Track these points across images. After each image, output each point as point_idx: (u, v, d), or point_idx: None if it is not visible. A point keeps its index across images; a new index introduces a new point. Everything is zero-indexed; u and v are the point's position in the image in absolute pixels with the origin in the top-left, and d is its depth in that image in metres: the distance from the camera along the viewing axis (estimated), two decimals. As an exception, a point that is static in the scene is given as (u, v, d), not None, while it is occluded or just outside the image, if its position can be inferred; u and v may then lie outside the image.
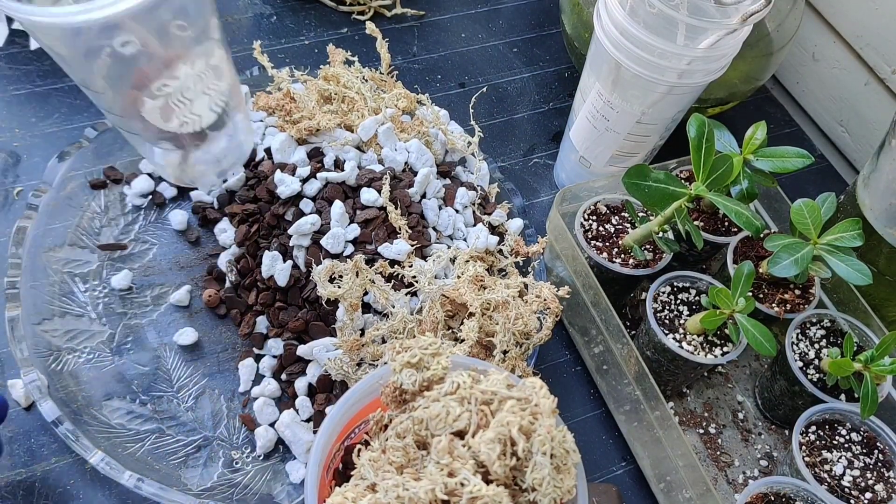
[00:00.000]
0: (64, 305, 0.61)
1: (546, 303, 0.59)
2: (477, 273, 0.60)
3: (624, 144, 0.71)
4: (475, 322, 0.57)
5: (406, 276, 0.60)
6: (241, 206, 0.64)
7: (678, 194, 0.60)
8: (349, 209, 0.62)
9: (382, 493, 0.37)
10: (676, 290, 0.65)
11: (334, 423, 0.43)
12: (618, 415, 0.66)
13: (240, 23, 0.86)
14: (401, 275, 0.60)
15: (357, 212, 0.62)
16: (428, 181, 0.66)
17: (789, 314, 0.64)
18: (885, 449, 0.60)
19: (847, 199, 0.69)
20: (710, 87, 0.68)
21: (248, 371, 0.61)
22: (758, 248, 0.67)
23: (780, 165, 0.62)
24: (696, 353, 0.61)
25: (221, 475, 0.56)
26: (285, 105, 0.68)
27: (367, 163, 0.66)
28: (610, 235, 0.67)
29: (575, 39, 0.81)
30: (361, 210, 0.62)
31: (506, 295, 0.58)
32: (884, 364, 0.57)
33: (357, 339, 0.57)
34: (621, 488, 0.62)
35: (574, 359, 0.70)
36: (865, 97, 0.85)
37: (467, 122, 0.79)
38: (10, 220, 0.65)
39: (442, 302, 0.59)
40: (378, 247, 0.61)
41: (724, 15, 0.61)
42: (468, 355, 0.56)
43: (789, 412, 0.65)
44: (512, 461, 0.37)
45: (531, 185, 0.81)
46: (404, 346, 0.43)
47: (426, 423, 0.40)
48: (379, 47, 0.72)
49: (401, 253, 0.60)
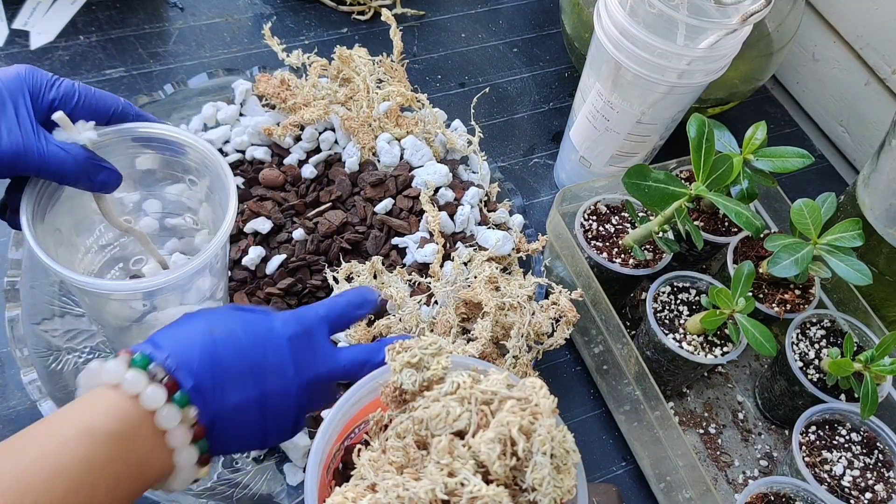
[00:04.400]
0: (64, 305, 0.61)
1: (563, 310, 0.60)
2: (492, 274, 0.60)
3: (624, 144, 0.71)
4: (489, 322, 0.57)
5: (422, 282, 0.61)
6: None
7: (678, 194, 0.60)
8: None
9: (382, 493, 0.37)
10: (676, 290, 0.65)
11: (334, 424, 0.43)
12: (618, 415, 0.66)
13: (240, 23, 0.86)
14: (417, 282, 0.61)
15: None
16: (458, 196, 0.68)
17: (789, 314, 0.64)
18: (885, 449, 0.60)
19: (847, 199, 0.69)
20: (710, 87, 0.68)
21: None
22: (758, 248, 0.67)
23: (780, 165, 0.62)
24: (696, 353, 0.61)
25: (221, 475, 0.56)
26: (280, 93, 0.69)
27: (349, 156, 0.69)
28: (610, 235, 0.67)
29: (575, 39, 0.81)
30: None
31: (520, 296, 0.58)
32: (884, 364, 0.57)
33: (366, 329, 0.58)
34: (621, 488, 0.62)
35: (574, 359, 0.70)
36: (865, 97, 0.85)
37: (467, 122, 0.79)
38: (10, 220, 0.65)
39: (457, 306, 0.60)
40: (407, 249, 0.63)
41: (724, 15, 0.61)
42: (481, 353, 0.56)
43: (789, 412, 0.65)
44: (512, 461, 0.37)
45: (531, 185, 0.81)
46: (404, 346, 0.43)
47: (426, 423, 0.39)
48: (392, 35, 0.73)
49: (428, 255, 0.62)
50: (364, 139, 0.68)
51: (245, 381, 0.41)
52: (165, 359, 0.40)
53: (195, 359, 0.40)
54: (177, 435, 0.39)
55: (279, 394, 0.42)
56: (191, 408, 0.39)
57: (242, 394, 0.41)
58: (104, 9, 0.83)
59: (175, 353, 0.40)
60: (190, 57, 0.82)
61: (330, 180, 0.68)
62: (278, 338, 0.43)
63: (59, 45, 0.78)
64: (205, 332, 0.41)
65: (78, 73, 0.77)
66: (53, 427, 0.37)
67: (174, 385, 0.39)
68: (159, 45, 0.82)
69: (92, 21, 0.81)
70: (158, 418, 0.38)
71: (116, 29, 0.81)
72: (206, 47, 0.83)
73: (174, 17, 0.85)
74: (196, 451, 0.40)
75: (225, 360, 0.41)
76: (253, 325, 0.43)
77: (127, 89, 0.77)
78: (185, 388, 0.39)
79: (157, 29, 0.83)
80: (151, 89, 0.74)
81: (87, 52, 0.79)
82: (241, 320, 0.43)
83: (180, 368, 0.40)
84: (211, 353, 0.41)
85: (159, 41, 0.82)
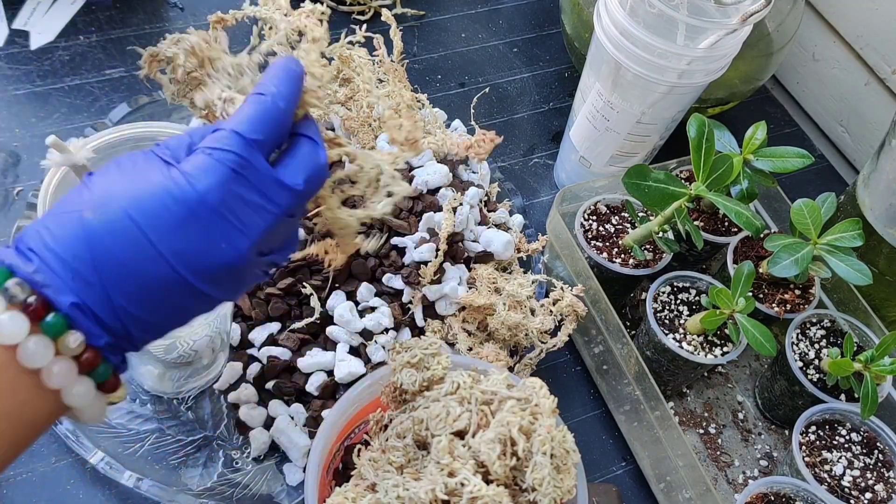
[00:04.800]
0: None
1: (568, 306, 0.60)
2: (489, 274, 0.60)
3: (624, 144, 0.71)
4: (499, 319, 0.58)
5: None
6: None
7: (678, 194, 0.60)
8: None
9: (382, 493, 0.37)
10: (676, 290, 0.65)
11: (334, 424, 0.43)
12: (618, 415, 0.66)
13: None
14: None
15: None
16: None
17: (789, 314, 0.64)
18: (885, 449, 0.60)
19: (847, 199, 0.69)
20: (710, 87, 0.68)
21: (233, 373, 0.60)
22: (758, 248, 0.67)
23: (780, 165, 0.62)
24: (696, 353, 0.61)
25: (221, 475, 0.56)
26: None
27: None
28: (610, 235, 0.67)
29: (575, 39, 0.81)
30: None
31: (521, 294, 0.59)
32: (884, 364, 0.57)
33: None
34: (621, 488, 0.62)
35: (574, 359, 0.70)
36: (865, 97, 0.85)
37: (467, 122, 0.79)
38: (11, 220, 0.65)
39: (464, 318, 0.60)
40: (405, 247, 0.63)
41: (724, 15, 0.61)
42: (497, 351, 0.57)
43: (789, 412, 0.65)
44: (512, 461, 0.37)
45: (531, 185, 0.81)
46: (404, 346, 0.43)
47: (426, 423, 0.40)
48: (392, 35, 0.73)
49: (424, 253, 0.62)
50: (364, 139, 0.68)
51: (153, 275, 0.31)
52: (33, 273, 0.30)
53: (71, 263, 0.30)
54: (53, 373, 0.30)
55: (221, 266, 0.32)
56: (71, 333, 0.30)
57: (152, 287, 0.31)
58: (104, 9, 0.83)
59: (44, 258, 0.30)
60: (190, 57, 0.82)
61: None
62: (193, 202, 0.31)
63: (59, 45, 0.78)
64: (77, 223, 0.30)
65: (78, 73, 0.77)
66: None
67: (43, 307, 0.29)
68: (159, 45, 0.82)
69: (92, 21, 0.81)
70: (21, 356, 0.29)
71: (116, 29, 0.81)
72: (206, 47, 0.83)
73: (174, 17, 0.85)
74: (91, 383, 0.31)
75: (112, 259, 0.30)
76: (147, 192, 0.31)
77: (127, 89, 0.77)
78: (63, 309, 0.30)
79: (157, 29, 0.83)
80: (151, 89, 0.74)
81: (88, 52, 0.79)
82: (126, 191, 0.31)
83: (51, 283, 0.29)
84: (89, 253, 0.30)
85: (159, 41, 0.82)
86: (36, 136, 0.72)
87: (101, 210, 0.30)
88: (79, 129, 0.73)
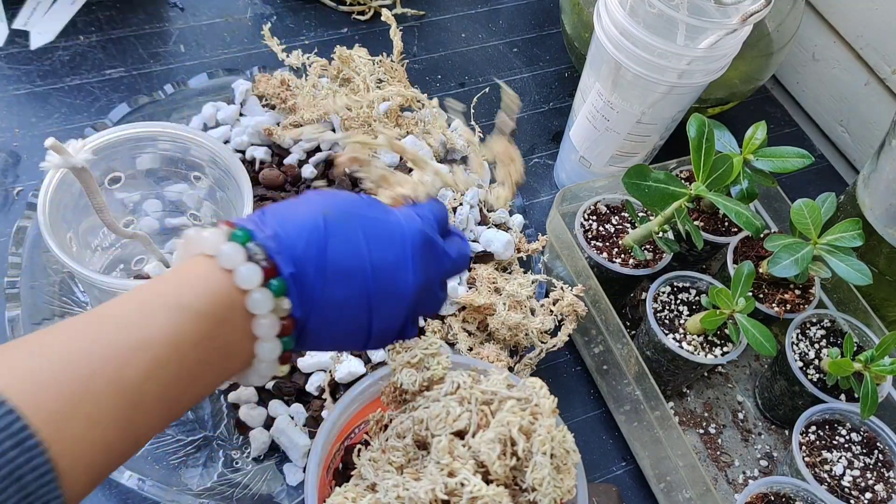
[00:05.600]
0: (64, 305, 0.61)
1: (568, 306, 0.60)
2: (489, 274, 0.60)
3: (624, 144, 0.71)
4: (499, 319, 0.58)
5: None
6: None
7: (678, 194, 0.60)
8: None
9: (382, 492, 0.37)
10: (676, 290, 0.65)
11: (334, 424, 0.43)
12: (618, 415, 0.66)
13: (240, 23, 0.86)
14: None
15: None
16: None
17: (789, 314, 0.64)
18: (885, 449, 0.60)
19: (847, 199, 0.69)
20: (710, 87, 0.68)
21: None
22: (758, 248, 0.67)
23: (780, 165, 0.62)
24: (696, 353, 0.61)
25: (221, 475, 0.56)
26: (280, 93, 0.69)
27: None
28: (610, 235, 0.67)
29: (575, 39, 0.81)
30: None
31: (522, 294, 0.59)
32: (884, 364, 0.57)
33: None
34: (621, 488, 0.62)
35: (574, 359, 0.70)
36: (865, 97, 0.85)
37: (467, 122, 0.79)
38: (10, 220, 0.65)
39: (464, 318, 0.60)
40: None
41: (724, 15, 0.61)
42: (497, 350, 0.57)
43: (789, 412, 0.65)
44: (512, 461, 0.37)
45: (531, 185, 0.81)
46: (404, 346, 0.43)
47: (426, 423, 0.40)
48: (392, 35, 0.73)
49: None
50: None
51: (355, 278, 0.37)
52: (267, 239, 0.36)
53: (300, 244, 0.36)
54: (264, 324, 0.36)
55: (394, 295, 0.39)
56: (284, 299, 0.36)
57: (348, 291, 0.37)
58: (104, 9, 0.83)
59: (279, 234, 0.36)
60: (190, 57, 0.82)
61: (330, 180, 0.68)
62: (402, 234, 0.39)
63: (59, 45, 0.78)
64: (315, 216, 0.37)
65: (78, 73, 0.77)
66: (140, 297, 0.34)
67: (272, 269, 0.35)
68: (159, 46, 0.82)
69: (92, 21, 0.81)
70: (249, 301, 0.35)
71: (116, 29, 0.81)
72: (206, 47, 0.83)
73: (174, 18, 0.85)
74: (279, 346, 0.37)
75: (334, 252, 0.37)
76: (373, 215, 0.39)
77: (127, 89, 0.77)
78: (284, 275, 0.36)
79: (157, 29, 0.83)
80: (151, 89, 0.74)
81: (87, 52, 0.79)
82: (359, 208, 0.39)
83: (282, 252, 0.36)
84: (318, 242, 0.37)
85: (159, 41, 0.82)
86: (36, 136, 0.72)
87: (340, 216, 0.38)
88: (79, 129, 0.73)
